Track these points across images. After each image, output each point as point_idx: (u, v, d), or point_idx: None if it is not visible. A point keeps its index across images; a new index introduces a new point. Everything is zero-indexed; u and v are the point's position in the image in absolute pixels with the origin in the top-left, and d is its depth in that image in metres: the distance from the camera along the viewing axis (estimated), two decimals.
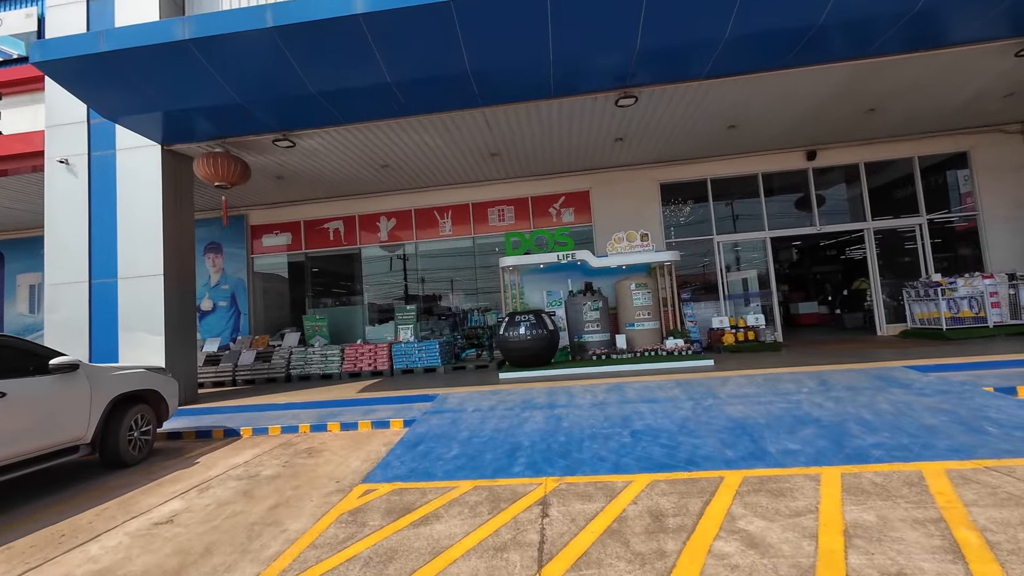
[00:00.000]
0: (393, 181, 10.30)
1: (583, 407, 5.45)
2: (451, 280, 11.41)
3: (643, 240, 8.92)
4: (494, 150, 8.87)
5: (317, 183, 10.07)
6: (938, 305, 8.73)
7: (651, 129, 8.32)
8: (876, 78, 6.98)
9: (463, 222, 10.88)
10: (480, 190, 10.80)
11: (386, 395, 6.94)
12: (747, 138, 9.16)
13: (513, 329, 8.06)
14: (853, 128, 9.00)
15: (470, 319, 11.02)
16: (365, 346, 9.45)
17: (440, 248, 11.25)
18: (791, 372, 6.30)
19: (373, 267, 11.52)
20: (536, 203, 10.65)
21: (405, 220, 11.09)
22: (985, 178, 9.49)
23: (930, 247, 9.64)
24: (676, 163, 10.20)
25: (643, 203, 10.29)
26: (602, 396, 5.85)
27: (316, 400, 6.99)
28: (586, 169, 10.38)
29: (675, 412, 4.98)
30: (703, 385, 5.96)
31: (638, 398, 5.63)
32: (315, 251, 11.45)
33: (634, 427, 4.65)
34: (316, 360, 9.50)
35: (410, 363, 9.25)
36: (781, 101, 7.51)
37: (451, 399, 6.33)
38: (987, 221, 9.44)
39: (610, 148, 9.18)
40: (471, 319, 10.96)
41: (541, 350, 8.05)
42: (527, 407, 5.63)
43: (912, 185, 9.86)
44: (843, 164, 9.93)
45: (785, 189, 10.31)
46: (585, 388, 6.32)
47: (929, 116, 8.72)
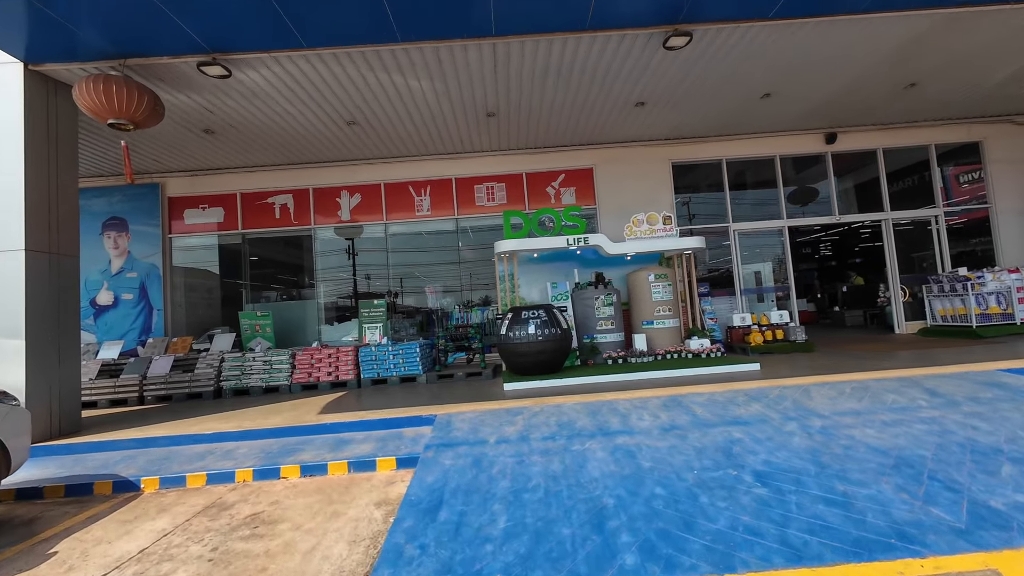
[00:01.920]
0: (361, 146, 8.35)
1: (650, 433, 3.99)
2: (429, 270, 9.59)
3: (665, 223, 7.65)
4: (492, 109, 7.22)
5: (260, 142, 7.91)
6: (965, 301, 8.17)
7: (680, 92, 7.05)
8: (939, 41, 6.11)
9: (444, 201, 9.11)
10: (466, 163, 9.09)
11: (360, 417, 5.11)
12: (774, 113, 8.16)
13: (519, 328, 6.47)
14: (880, 107, 8.27)
15: (452, 317, 9.28)
16: (323, 350, 7.46)
17: (416, 231, 9.41)
18: (870, 379, 5.21)
19: (331, 253, 9.45)
20: (532, 181, 9.11)
21: (373, 196, 9.15)
22: (997, 169, 9.15)
23: (947, 240, 9.15)
24: (690, 141, 9.06)
25: (654, 184, 9.05)
26: (664, 415, 4.42)
27: (260, 427, 5.02)
28: (590, 143, 8.99)
29: (786, 439, 3.65)
30: (784, 397, 4.70)
31: (716, 418, 4.25)
32: (256, 232, 9.21)
33: (751, 465, 3.25)
34: (257, 369, 7.38)
35: (383, 371, 7.39)
36: (833, 63, 6.48)
37: (457, 423, 4.65)
38: (1000, 214, 9.09)
39: (625, 115, 7.83)
40: (453, 317, 9.22)
41: (554, 354, 6.53)
42: (572, 435, 4.08)
43: (914, 176, 9.37)
44: (861, 150, 9.24)
45: (797, 178, 9.50)
46: (632, 404, 4.87)
47: (957, 99, 8.15)
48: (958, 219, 9.43)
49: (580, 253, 8.43)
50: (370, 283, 9.52)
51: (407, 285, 9.59)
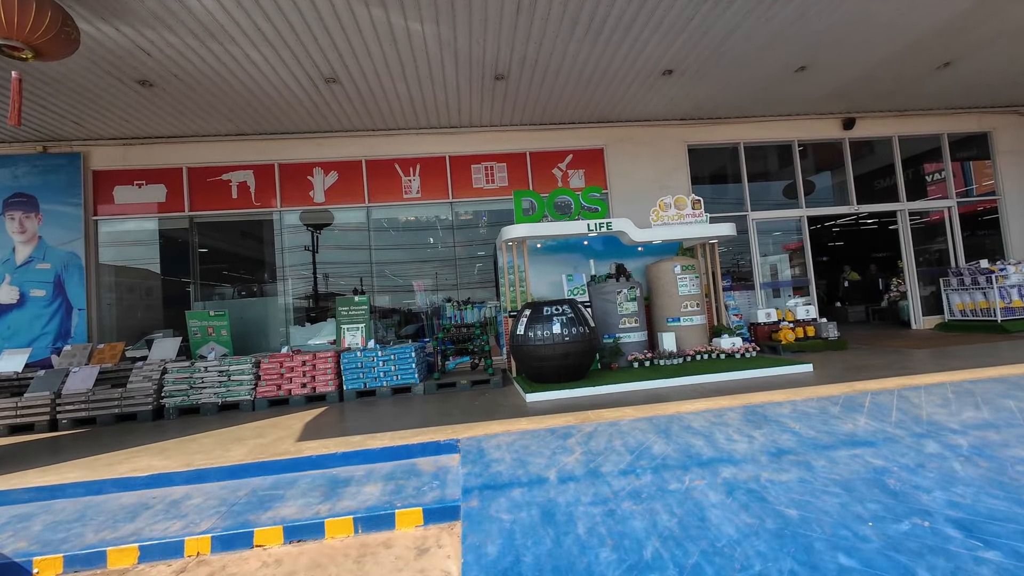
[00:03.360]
0: (340, 113, 7.03)
1: (758, 460, 3.05)
2: (419, 262, 8.37)
3: (695, 208, 6.82)
4: (503, 70, 6.14)
5: (214, 102, 6.46)
6: (987, 294, 7.87)
7: (715, 57, 6.24)
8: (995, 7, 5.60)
9: (437, 182, 7.92)
10: (463, 138, 7.95)
11: (357, 445, 3.90)
12: (800, 92, 7.55)
13: (540, 328, 5.43)
14: (905, 89, 7.83)
15: (444, 315, 8.11)
16: (296, 357, 6.11)
17: (404, 217, 8.17)
18: (960, 381, 4.53)
19: (301, 242, 8.05)
20: (537, 161, 8.08)
21: (352, 176, 7.83)
22: (1005, 161, 8.99)
23: (960, 232, 8.90)
24: (707, 122, 8.33)
25: (668, 168, 8.25)
26: (757, 434, 3.50)
27: (219, 463, 3.71)
28: (601, 121, 8.07)
29: (945, 466, 2.81)
30: (884, 407, 3.90)
31: (826, 436, 3.38)
32: (207, 215, 7.67)
33: (935, 509, 2.37)
34: (211, 381, 5.94)
35: (371, 381, 6.13)
36: (881, 29, 5.86)
37: (491, 450, 3.55)
38: (1008, 206, 8.93)
39: (648, 86, 6.95)
40: (446, 315, 8.06)
41: (581, 357, 5.53)
42: (657, 466, 3.08)
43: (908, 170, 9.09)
44: (878, 136, 8.83)
45: (816, 166, 8.98)
46: (704, 418, 3.93)
47: (985, 82, 7.82)
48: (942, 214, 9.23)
49: (587, 244, 7.50)
50: (349, 277, 8.18)
51: (393, 279, 8.31)
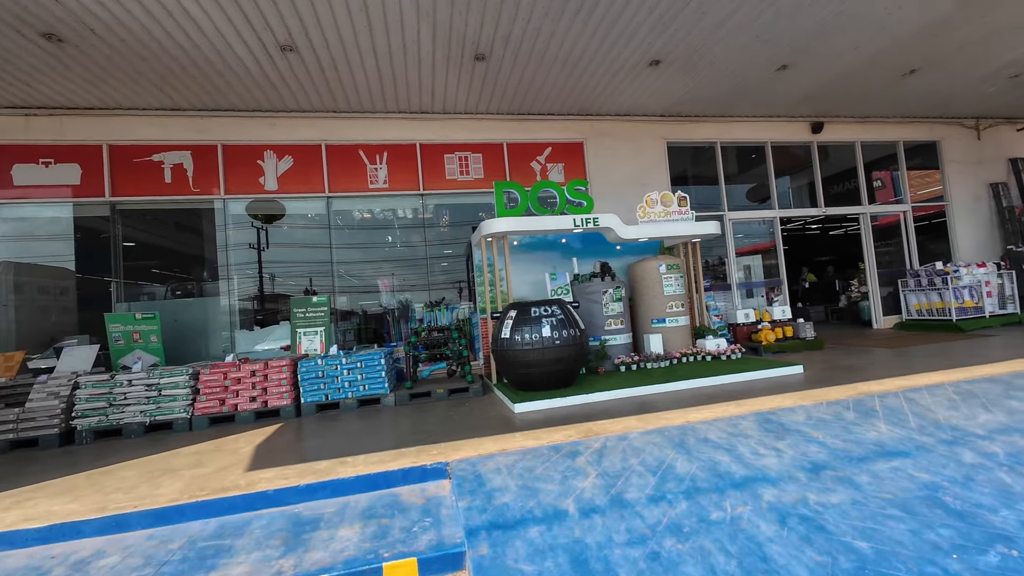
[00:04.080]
0: (297, 89, 6.23)
1: (795, 478, 2.73)
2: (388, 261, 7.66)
3: (681, 205, 6.59)
4: (484, 48, 5.62)
5: (142, 67, 5.50)
6: (943, 295, 8.23)
7: (705, 48, 6.03)
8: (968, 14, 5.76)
9: (407, 172, 7.26)
10: (436, 125, 7.33)
11: (323, 475, 3.24)
12: (777, 93, 7.56)
13: (528, 331, 4.95)
14: (872, 96, 8.04)
15: (413, 317, 7.47)
16: (243, 366, 5.27)
17: (369, 209, 7.43)
18: (954, 381, 4.49)
19: (249, 234, 7.12)
20: (514, 153, 7.61)
21: (310, 162, 7.01)
22: (952, 170, 9.51)
23: (914, 235, 9.31)
24: (686, 120, 8.20)
25: (649, 164, 8.04)
26: (782, 446, 3.19)
27: (144, 506, 2.94)
28: (581, 113, 7.72)
29: (996, 479, 2.59)
30: (896, 411, 3.74)
31: (855, 447, 3.12)
32: (133, 201, 6.60)
33: (1013, 534, 2.10)
34: (137, 397, 4.99)
35: (334, 392, 5.40)
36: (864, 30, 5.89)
37: (488, 475, 3.02)
38: (955, 212, 9.45)
39: (632, 77, 6.67)
40: (414, 317, 7.41)
41: (572, 362, 5.10)
42: (688, 489, 2.68)
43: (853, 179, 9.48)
44: (843, 141, 9.07)
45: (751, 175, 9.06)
46: (718, 428, 3.59)
47: (936, 94, 8.18)
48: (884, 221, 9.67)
49: (565, 241, 7.14)
50: (304, 276, 7.34)
51: (356, 278, 7.55)
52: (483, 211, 7.75)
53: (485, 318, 6.53)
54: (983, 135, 9.70)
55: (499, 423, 4.28)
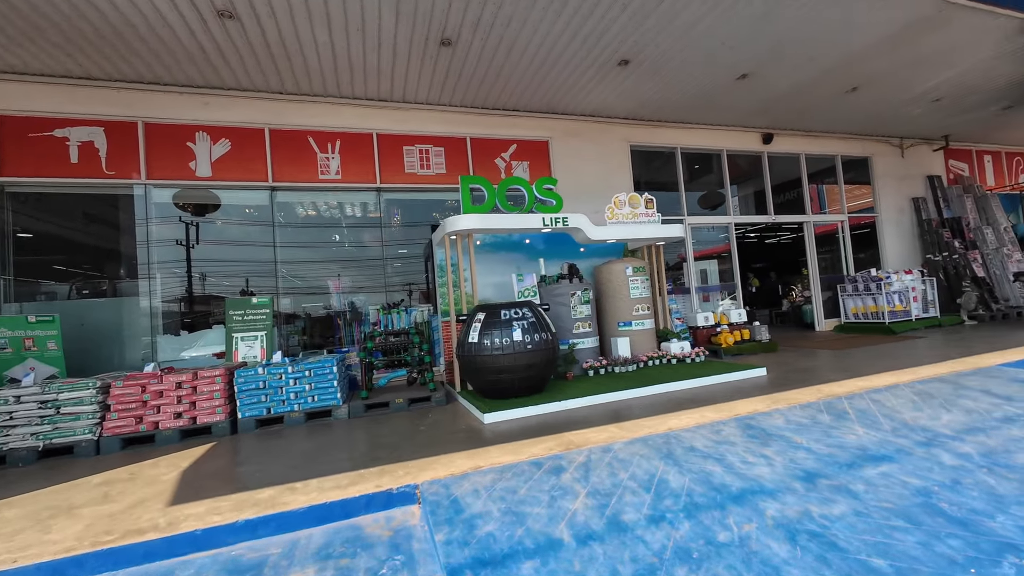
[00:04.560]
0: (236, 62, 5.55)
1: (793, 489, 2.61)
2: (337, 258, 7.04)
3: (648, 207, 6.55)
4: (452, 33, 5.26)
5: (42, 24, 4.64)
6: (877, 300, 8.82)
7: (674, 51, 6.03)
8: (910, 37, 6.16)
9: (362, 162, 6.71)
10: (395, 115, 6.84)
11: (264, 508, 2.74)
12: (734, 102, 7.77)
13: (499, 334, 4.64)
14: (818, 109, 8.48)
15: (367, 320, 6.92)
16: (167, 376, 4.54)
17: (319, 202, 6.80)
18: (908, 383, 4.68)
19: (177, 227, 6.28)
20: (479, 148, 7.27)
21: (251, 146, 6.29)
22: (881, 184, 10.29)
23: (850, 243, 9.95)
24: (648, 124, 8.25)
25: (613, 167, 8.00)
26: (771, 453, 3.09)
27: (22, 563, 2.31)
28: (547, 111, 7.53)
29: (985, 483, 2.60)
30: (868, 413, 3.78)
31: (840, 452, 3.07)
32: (27, 182, 5.60)
33: (1018, 542, 2.06)
34: (25, 416, 4.13)
35: (277, 406, 4.79)
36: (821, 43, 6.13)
37: (466, 499, 2.67)
38: (884, 223, 10.22)
39: (600, 76, 6.57)
40: (368, 320, 6.87)
41: (544, 368, 4.84)
42: (687, 507, 2.48)
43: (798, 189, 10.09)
44: (790, 153, 9.53)
45: (703, 182, 9.38)
46: (701, 435, 3.45)
47: (870, 113, 8.78)
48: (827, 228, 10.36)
49: (529, 242, 6.92)
50: (242, 275, 6.58)
51: (301, 278, 6.88)
52: (446, 208, 7.35)
53: (448, 321, 6.14)
54: (906, 153, 10.59)
55: (468, 435, 3.92)
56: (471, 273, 5.71)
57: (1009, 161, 12.22)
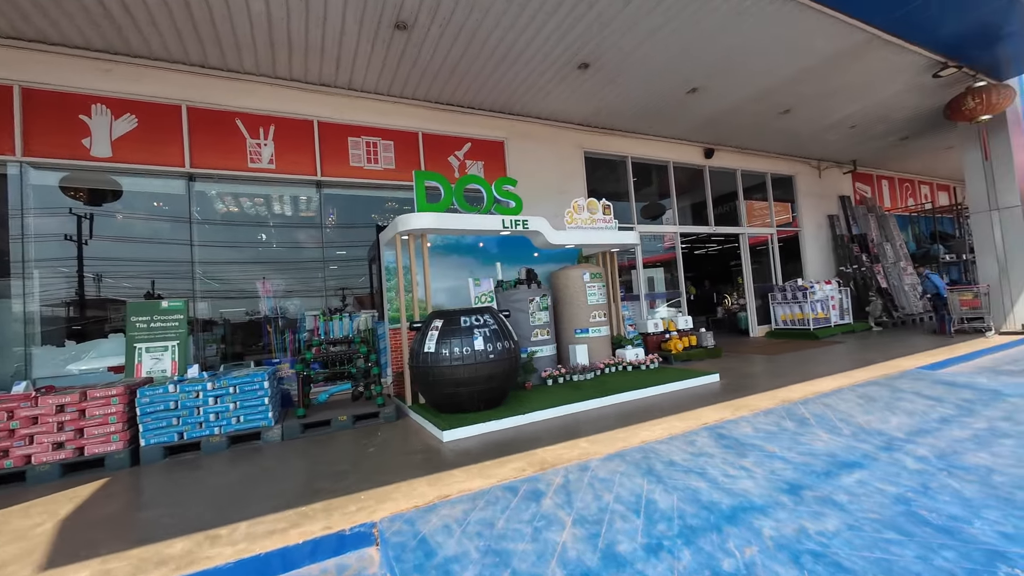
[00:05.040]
0: (147, 28, 4.73)
1: (780, 502, 2.51)
2: (269, 259, 6.27)
3: (605, 213, 6.50)
4: (409, 14, 4.85)
5: None
6: (803, 307, 9.51)
7: (634, 57, 6.05)
8: (840, 64, 6.68)
9: (300, 152, 6.04)
10: (339, 102, 6.24)
11: (174, 569, 2.17)
12: (682, 115, 8.03)
13: (459, 343, 4.28)
14: (756, 127, 9.00)
15: (302, 327, 6.22)
16: (46, 398, 3.67)
17: (248, 194, 6.01)
18: (849, 386, 4.94)
19: (61, 222, 5.23)
20: (431, 145, 6.85)
21: (164, 124, 5.41)
22: (803, 201, 11.19)
23: (779, 255, 10.69)
24: (601, 132, 8.30)
25: (567, 172, 7.93)
26: (749, 464, 3.01)
27: None
28: (503, 111, 7.30)
29: (949, 487, 2.66)
30: (825, 418, 3.88)
31: (813, 460, 3.06)
32: None
33: (1005, 550, 2.07)
34: None
35: (193, 429, 4.05)
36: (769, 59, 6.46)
37: (439, 539, 2.29)
38: (806, 237, 11.11)
39: (560, 79, 6.45)
40: (303, 327, 6.18)
41: (506, 378, 4.54)
42: (683, 532, 2.29)
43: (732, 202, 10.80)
44: (728, 168, 10.06)
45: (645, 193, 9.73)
46: (675, 447, 3.32)
47: (801, 133, 9.50)
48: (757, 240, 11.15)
49: (483, 245, 6.64)
50: (152, 275, 5.63)
51: (224, 280, 6.04)
52: (386, 210, 6.83)
53: (397, 329, 5.65)
54: (823, 174, 11.64)
55: (427, 457, 3.51)
56: (424, 276, 5.28)
57: (901, 186, 13.89)
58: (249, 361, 5.58)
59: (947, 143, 11.16)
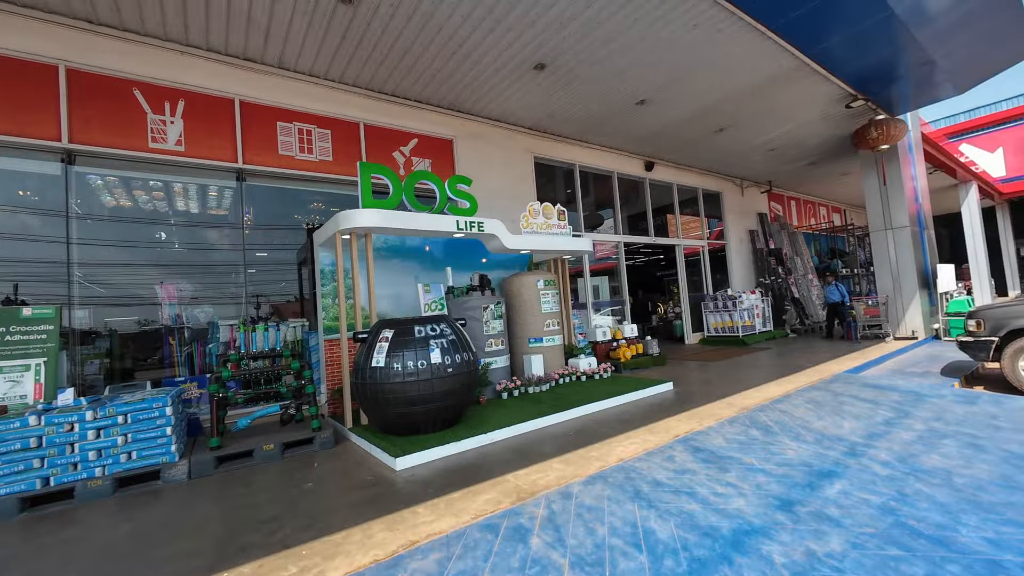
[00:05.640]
0: None
1: (786, 526, 2.37)
2: (174, 260, 5.27)
3: (560, 219, 6.32)
4: None
5: None
6: (732, 316, 10.07)
7: (587, 64, 5.98)
8: (775, 89, 7.15)
9: (217, 134, 5.17)
10: (267, 81, 5.47)
11: None
12: (627, 126, 8.16)
13: (411, 355, 3.80)
14: (692, 144, 9.44)
15: (214, 338, 5.31)
16: None
17: (147, 180, 5.02)
18: (794, 392, 5.14)
19: None
20: (374, 138, 6.26)
21: (31, 87, 4.33)
22: (729, 217, 11.98)
23: (710, 266, 11.29)
24: (551, 138, 8.20)
25: (518, 177, 7.70)
26: (738, 482, 2.88)
27: None
28: (452, 108, 6.90)
29: (923, 490, 2.70)
30: (786, 425, 3.92)
31: (799, 472, 3.01)
32: None
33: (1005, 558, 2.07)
34: None
35: (64, 472, 3.16)
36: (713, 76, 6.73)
37: None
38: (732, 250, 11.88)
39: (515, 79, 6.22)
40: (217, 340, 5.28)
41: (464, 394, 4.13)
42: (693, 570, 2.03)
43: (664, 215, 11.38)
44: (665, 181, 10.46)
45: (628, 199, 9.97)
46: (656, 464, 3.12)
47: (730, 152, 10.14)
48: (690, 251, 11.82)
49: (429, 249, 6.18)
50: (15, 277, 4.46)
51: (116, 285, 4.97)
52: (309, 210, 6.13)
53: (335, 340, 4.99)
54: (745, 193, 12.57)
55: (380, 492, 2.99)
56: (368, 281, 4.70)
57: (805, 206, 15.47)
58: (143, 382, 4.59)
59: (843, 169, 12.58)
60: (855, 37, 5.90)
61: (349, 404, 4.45)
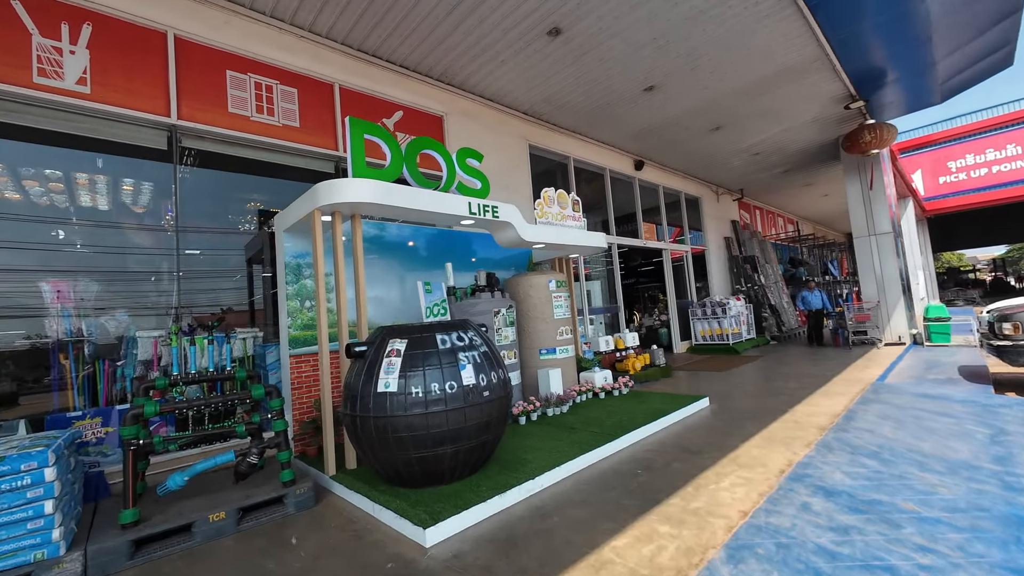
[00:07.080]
0: None
1: None
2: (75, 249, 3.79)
3: (575, 209, 5.46)
4: None
5: None
6: (721, 323, 9.71)
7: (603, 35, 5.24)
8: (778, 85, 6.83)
9: (141, 75, 3.80)
10: (217, 16, 4.17)
11: None
12: (628, 118, 7.54)
13: (435, 374, 2.74)
14: (684, 144, 9.02)
15: (132, 355, 3.89)
16: None
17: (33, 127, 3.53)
18: (857, 403, 4.56)
19: None
20: (352, 102, 5.08)
21: None
22: (708, 222, 11.78)
23: (693, 272, 10.94)
24: (546, 126, 7.38)
25: (512, 162, 6.79)
26: (916, 543, 2.10)
27: None
28: (442, 80, 5.88)
29: None
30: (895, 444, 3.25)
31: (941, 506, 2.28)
32: None
33: None
34: None
35: None
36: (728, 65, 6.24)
37: None
38: (712, 255, 11.66)
39: (523, 45, 5.33)
40: (134, 358, 3.87)
41: (499, 426, 3.07)
42: None
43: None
44: (652, 183, 9.99)
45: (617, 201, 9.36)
46: (832, 539, 2.29)
47: (714, 156, 9.86)
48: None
49: (413, 244, 5.08)
50: None
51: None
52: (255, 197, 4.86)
53: (307, 355, 3.78)
54: (720, 199, 12.49)
55: None
56: (356, 277, 3.53)
57: (770, 217, 15.83)
58: (15, 420, 3.10)
59: (807, 180, 12.89)
60: (881, 26, 5.61)
61: (332, 443, 3.25)
